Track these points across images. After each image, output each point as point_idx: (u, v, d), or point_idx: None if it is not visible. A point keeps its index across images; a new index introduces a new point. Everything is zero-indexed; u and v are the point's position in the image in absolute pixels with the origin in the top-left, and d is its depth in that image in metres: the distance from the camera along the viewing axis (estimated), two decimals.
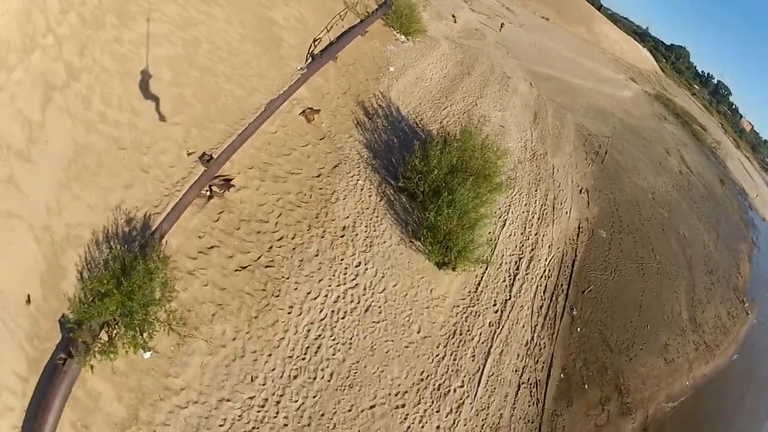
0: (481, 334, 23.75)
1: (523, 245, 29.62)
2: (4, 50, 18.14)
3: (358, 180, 25.09)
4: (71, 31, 20.77)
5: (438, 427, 20.04)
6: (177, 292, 16.53)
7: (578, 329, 28.27)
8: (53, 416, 13.14)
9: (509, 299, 26.08)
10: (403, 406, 19.69)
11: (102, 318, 14.42)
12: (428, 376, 20.89)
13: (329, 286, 20.65)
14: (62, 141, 17.90)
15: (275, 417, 16.87)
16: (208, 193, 20.02)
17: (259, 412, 16.65)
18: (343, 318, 20.16)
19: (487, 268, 26.01)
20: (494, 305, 25.24)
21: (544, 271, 29.44)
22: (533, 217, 32.03)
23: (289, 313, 19.07)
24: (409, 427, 19.39)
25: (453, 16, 54.21)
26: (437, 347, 21.89)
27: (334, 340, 19.38)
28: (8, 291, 14.69)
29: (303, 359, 18.29)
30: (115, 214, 17.55)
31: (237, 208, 20.49)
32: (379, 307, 21.24)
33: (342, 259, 21.77)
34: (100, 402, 14.45)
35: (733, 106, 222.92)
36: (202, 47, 24.77)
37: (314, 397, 17.93)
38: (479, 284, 25.34)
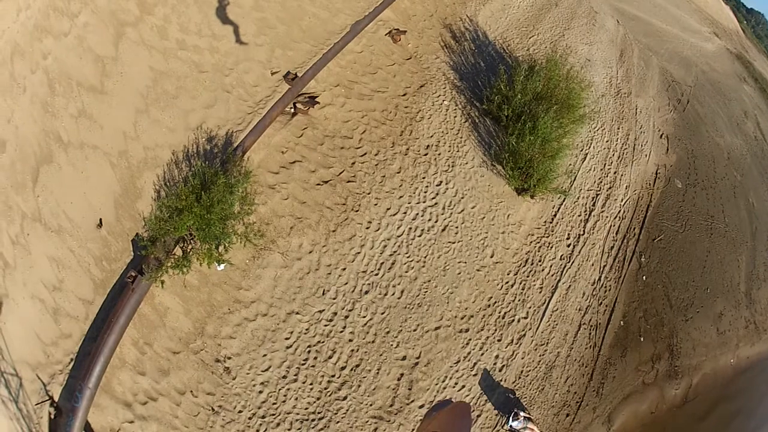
0: (551, 266, 23.56)
1: (601, 182, 28.97)
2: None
3: (443, 100, 24.58)
4: None
5: (497, 356, 20.14)
6: (257, 205, 16.79)
7: (644, 278, 27.79)
8: (114, 337, 13.36)
9: (582, 234, 25.69)
10: (467, 330, 19.82)
11: (178, 233, 14.73)
12: (495, 302, 20.87)
13: (409, 203, 20.60)
14: (139, 70, 18.04)
15: (341, 332, 17.21)
16: (293, 110, 20.03)
17: (326, 326, 17.01)
18: (419, 236, 20.18)
19: (564, 200, 25.57)
20: (567, 239, 24.92)
21: (619, 212, 28.79)
22: (613, 154, 31.17)
23: (367, 228, 19.20)
24: (469, 353, 19.51)
25: None
26: (508, 274, 21.82)
27: (408, 257, 19.46)
28: (79, 220, 15.06)
29: (376, 275, 18.46)
30: (196, 133, 17.83)
31: (321, 124, 20.43)
32: (456, 227, 21.13)
33: (424, 177, 21.63)
34: (166, 318, 14.93)
35: None
36: None
37: (382, 313, 18.19)
38: (555, 215, 24.99)
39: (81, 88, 16.74)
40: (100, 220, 15.27)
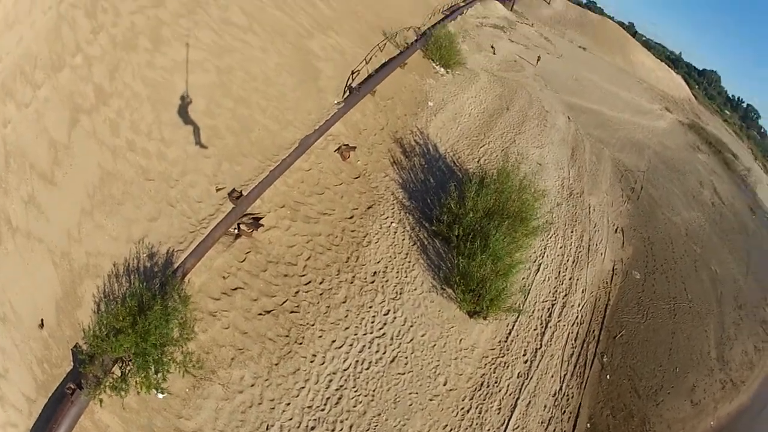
0: (509, 385, 22.98)
1: (556, 290, 28.79)
2: (31, 65, 18.18)
3: (391, 222, 24.64)
4: (102, 52, 20.89)
5: None
6: (196, 333, 16.19)
7: (607, 377, 27.38)
8: None
9: (540, 348, 25.26)
10: None
11: (115, 354, 14.21)
12: (451, 430, 20.15)
13: (355, 334, 20.12)
14: (88, 166, 17.88)
15: None
16: (236, 231, 19.73)
17: None
18: (367, 369, 19.60)
19: (518, 316, 25.24)
20: (524, 355, 24.47)
21: (577, 318, 28.52)
22: (568, 260, 31.23)
23: (312, 361, 18.60)
24: None
25: (492, 47, 54.00)
26: (463, 400, 21.17)
27: (356, 391, 18.83)
28: (22, 312, 14.70)
29: (322, 410, 17.77)
30: (138, 247, 17.38)
31: (265, 248, 20.15)
32: (406, 357, 20.64)
33: (370, 307, 21.23)
34: None
35: (762, 129, 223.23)
36: (237, 76, 24.69)
37: None
38: (510, 333, 24.61)
39: (33, 171, 16.69)
40: (42, 320, 14.86)
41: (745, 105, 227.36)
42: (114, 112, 19.58)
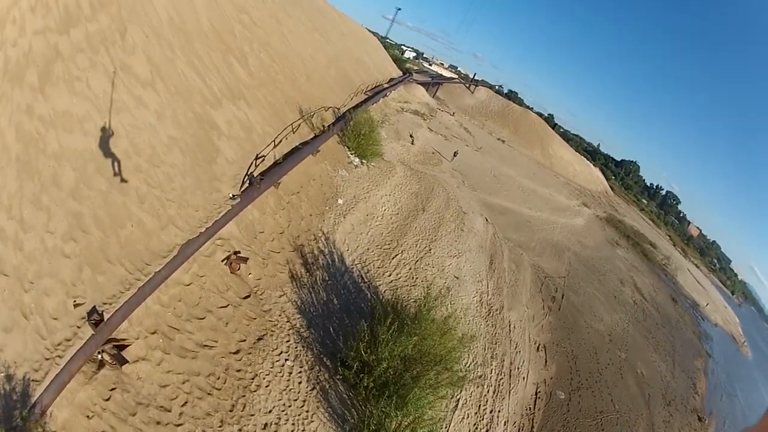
0: None
1: (477, 428, 24.88)
2: None
3: (286, 360, 19.69)
4: None
5: None
6: None
7: None
8: None
9: None
10: None
11: None
12: None
13: None
14: None
15: None
16: (99, 357, 14.83)
17: None
18: None
19: None
20: None
21: None
22: (488, 391, 27.46)
23: None
24: None
25: (411, 136, 52.36)
26: None
27: None
28: None
29: None
30: None
31: (134, 385, 14.86)
32: None
33: None
34: None
35: (681, 214, 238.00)
36: (119, 146, 19.41)
37: None
38: None
39: None
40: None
41: (663, 192, 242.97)
42: None
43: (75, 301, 15.15)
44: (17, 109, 16.62)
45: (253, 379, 18.10)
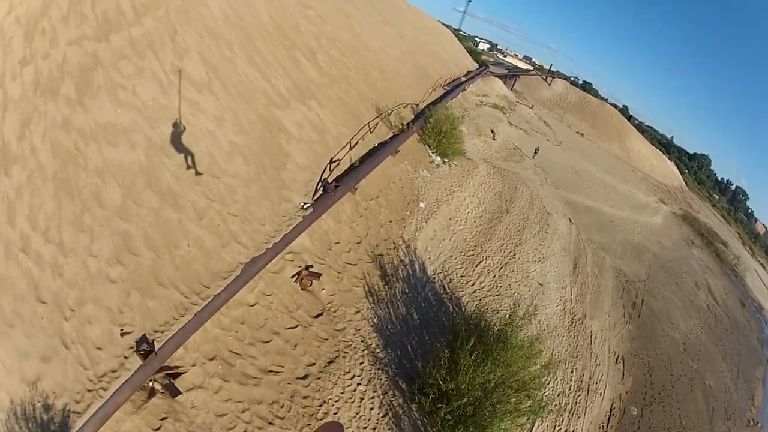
0: None
1: None
2: None
3: (358, 384, 18.35)
4: (22, 93, 16.06)
5: None
6: None
7: None
8: None
9: None
10: None
11: None
12: None
13: None
14: None
15: None
16: (150, 385, 14.14)
17: None
18: None
19: None
20: None
21: None
22: (565, 409, 26.13)
23: None
24: None
25: (492, 131, 50.82)
26: None
27: None
28: None
29: None
30: (32, 392, 12.46)
31: (187, 414, 14.06)
32: None
33: None
34: None
35: (749, 211, 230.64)
36: (174, 159, 18.49)
37: None
38: None
39: None
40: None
41: (733, 187, 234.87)
42: (14, 188, 14.70)
43: (122, 330, 14.43)
44: (52, 124, 16.25)
45: (320, 406, 16.90)
